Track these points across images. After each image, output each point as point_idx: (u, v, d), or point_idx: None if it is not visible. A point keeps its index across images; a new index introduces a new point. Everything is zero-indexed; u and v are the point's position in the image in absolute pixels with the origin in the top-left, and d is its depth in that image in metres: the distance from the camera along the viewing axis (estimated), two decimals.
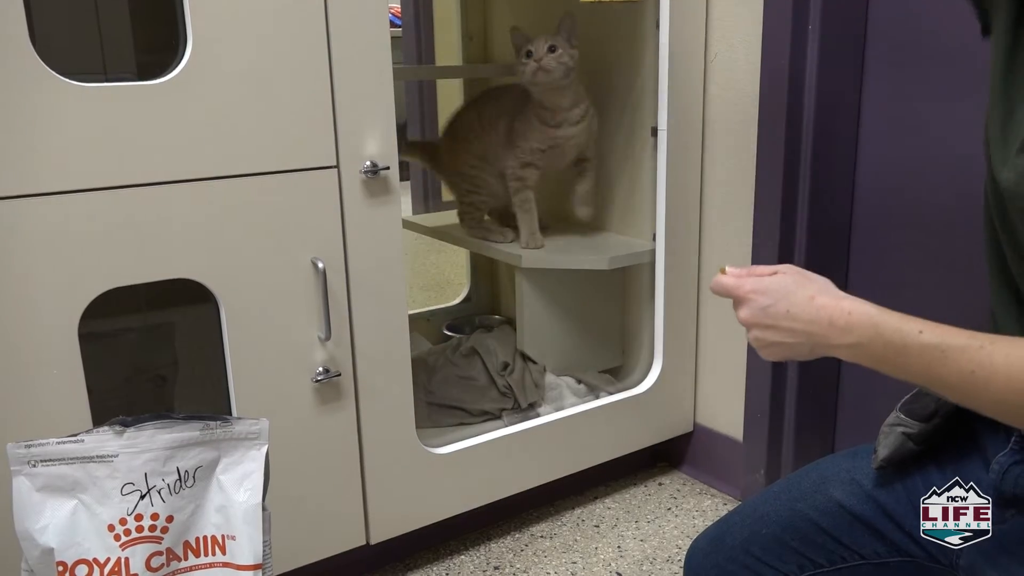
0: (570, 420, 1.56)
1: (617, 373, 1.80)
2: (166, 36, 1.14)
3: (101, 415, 1.06)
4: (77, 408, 1.07)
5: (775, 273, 0.78)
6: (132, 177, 1.06)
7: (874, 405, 1.52)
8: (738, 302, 0.79)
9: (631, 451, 1.67)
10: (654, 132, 1.58)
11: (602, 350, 1.79)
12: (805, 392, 1.55)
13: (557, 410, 1.59)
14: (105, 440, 0.86)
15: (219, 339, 1.17)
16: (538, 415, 1.58)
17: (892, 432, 0.82)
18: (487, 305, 2.26)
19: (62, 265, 1.03)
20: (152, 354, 1.39)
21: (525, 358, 1.69)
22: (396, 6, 3.16)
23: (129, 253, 1.07)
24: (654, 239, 1.62)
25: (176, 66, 1.06)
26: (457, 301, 2.26)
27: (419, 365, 1.65)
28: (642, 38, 1.60)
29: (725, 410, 1.69)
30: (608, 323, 1.79)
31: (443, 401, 1.61)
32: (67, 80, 1.00)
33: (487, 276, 2.26)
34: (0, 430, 1.02)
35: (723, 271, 0.82)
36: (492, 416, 1.60)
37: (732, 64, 1.52)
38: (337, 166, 1.19)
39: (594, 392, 1.68)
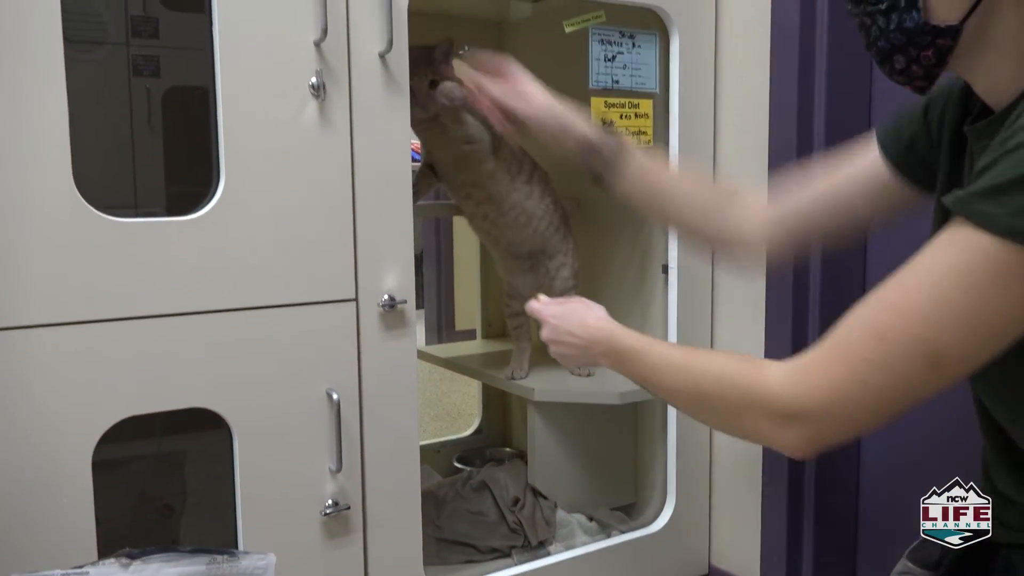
0: (581, 560, 1.52)
1: (629, 511, 1.76)
2: (196, 173, 1.20)
3: (107, 546, 1.05)
4: (84, 538, 1.06)
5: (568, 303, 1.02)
6: (157, 308, 1.09)
7: (895, 546, 1.48)
8: (542, 324, 1.01)
9: None
10: (665, 269, 1.61)
11: (614, 487, 1.76)
12: (823, 532, 1.51)
13: (568, 548, 1.55)
14: (110, 573, 0.84)
15: (229, 468, 1.17)
16: (548, 554, 1.54)
17: None
18: (499, 437, 2.24)
19: (81, 394, 1.05)
20: (161, 483, 1.38)
21: (536, 493, 1.66)
22: (416, 142, 3.30)
23: (148, 382, 1.09)
24: None
25: (207, 203, 1.11)
26: (468, 432, 2.25)
27: (428, 498, 1.63)
28: None
29: (741, 551, 1.64)
30: (620, 459, 1.77)
31: (452, 537, 1.58)
32: (103, 215, 1.04)
33: (499, 408, 2.26)
34: (6, 560, 1.00)
35: (536, 298, 1.05)
36: (502, 553, 1.56)
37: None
38: (356, 299, 1.22)
39: (606, 530, 1.64)
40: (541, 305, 1.02)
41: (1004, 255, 0.61)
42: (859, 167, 0.94)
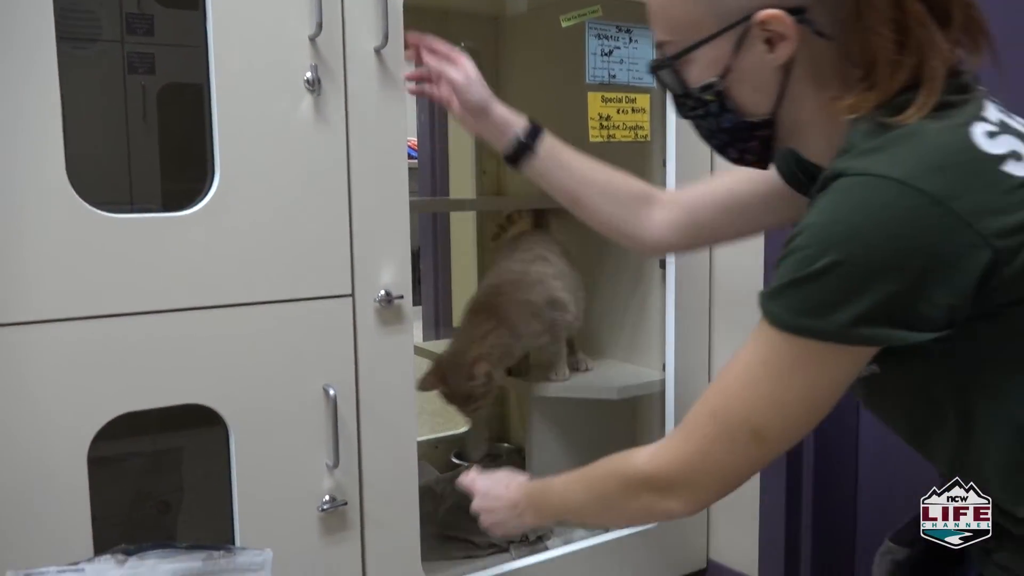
0: (580, 554, 1.52)
1: None
2: (191, 169, 1.20)
3: (103, 542, 1.05)
4: (80, 535, 1.05)
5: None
6: (152, 304, 1.08)
7: None
8: (473, 496, 1.08)
9: None
10: (662, 265, 1.61)
11: None
12: (821, 526, 1.52)
13: (567, 544, 1.55)
14: (106, 569, 0.85)
15: (226, 464, 1.17)
16: (547, 549, 1.54)
17: (883, 560, 0.86)
18: (496, 433, 2.24)
19: (76, 390, 1.05)
20: (158, 479, 1.38)
21: None
22: (413, 139, 3.30)
23: (144, 378, 1.09)
24: (664, 369, 1.63)
25: (202, 199, 1.11)
26: (466, 428, 2.24)
27: (426, 494, 1.62)
28: (650, 174, 1.66)
29: (739, 546, 1.64)
30: None
31: (450, 532, 1.58)
32: (99, 211, 1.04)
33: (496, 403, 2.25)
34: (1, 557, 1.00)
35: (467, 473, 1.12)
36: (500, 549, 1.56)
37: None
38: (352, 295, 1.22)
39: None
40: (471, 478, 1.10)
41: (788, 346, 0.71)
42: (759, 179, 0.99)
